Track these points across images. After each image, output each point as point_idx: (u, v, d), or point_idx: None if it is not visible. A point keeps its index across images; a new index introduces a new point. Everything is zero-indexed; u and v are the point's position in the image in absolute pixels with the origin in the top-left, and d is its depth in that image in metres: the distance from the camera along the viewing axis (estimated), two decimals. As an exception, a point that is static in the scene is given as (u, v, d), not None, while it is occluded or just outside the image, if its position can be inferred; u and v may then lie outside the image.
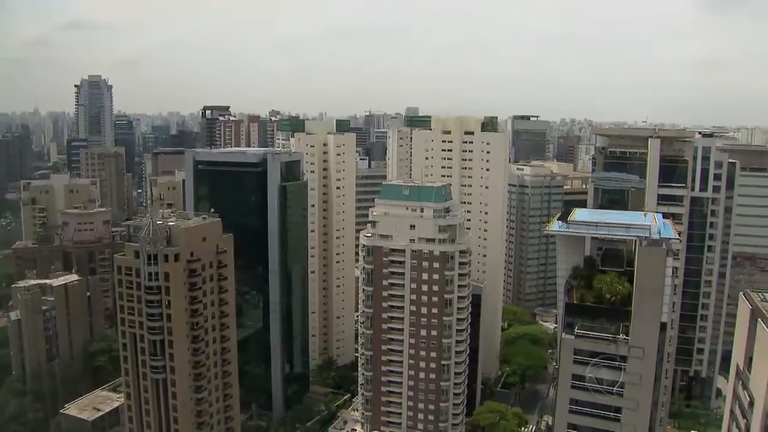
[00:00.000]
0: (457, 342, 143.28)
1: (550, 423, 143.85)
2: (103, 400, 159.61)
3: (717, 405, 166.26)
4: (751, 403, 73.37)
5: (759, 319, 73.56)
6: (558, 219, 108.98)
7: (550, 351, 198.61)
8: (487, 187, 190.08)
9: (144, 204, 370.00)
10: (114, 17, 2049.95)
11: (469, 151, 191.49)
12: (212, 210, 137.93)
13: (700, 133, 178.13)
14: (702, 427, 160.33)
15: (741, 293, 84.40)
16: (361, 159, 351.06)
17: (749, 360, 76.60)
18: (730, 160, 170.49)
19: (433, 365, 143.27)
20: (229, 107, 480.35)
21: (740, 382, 79.69)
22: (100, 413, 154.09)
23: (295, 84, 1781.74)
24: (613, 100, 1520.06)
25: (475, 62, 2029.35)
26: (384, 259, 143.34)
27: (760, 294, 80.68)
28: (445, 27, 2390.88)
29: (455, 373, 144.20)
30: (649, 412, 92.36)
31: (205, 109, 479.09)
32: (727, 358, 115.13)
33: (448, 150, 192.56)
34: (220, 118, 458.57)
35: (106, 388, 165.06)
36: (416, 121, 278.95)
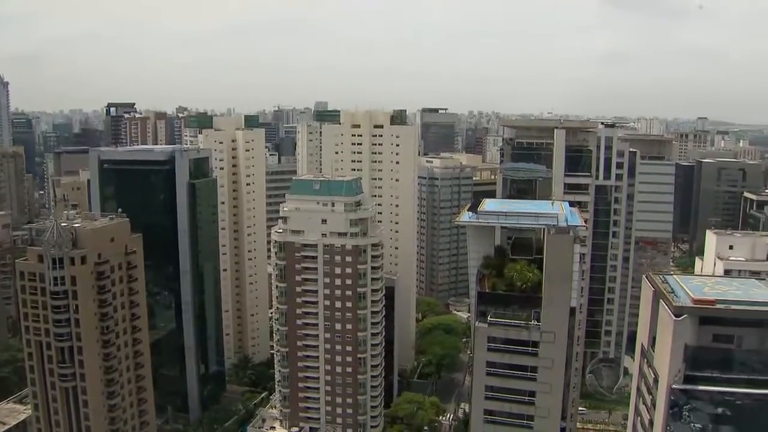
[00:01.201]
0: (373, 335, 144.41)
1: (466, 410, 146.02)
2: (9, 413, 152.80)
3: (625, 383, 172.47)
4: (656, 380, 76.65)
5: (661, 301, 76.90)
6: (468, 210, 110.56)
7: (464, 340, 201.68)
8: (397, 180, 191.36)
9: (47, 206, 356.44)
10: (10, 9, 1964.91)
11: (379, 144, 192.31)
12: (120, 210, 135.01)
13: (602, 123, 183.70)
14: (611, 405, 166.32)
15: (644, 276, 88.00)
16: (270, 155, 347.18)
17: (653, 339, 79.99)
18: (631, 149, 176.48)
19: (349, 359, 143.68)
20: (134, 104, 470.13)
21: (645, 360, 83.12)
22: (6, 427, 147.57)
23: (202, 80, 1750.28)
24: (520, 93, 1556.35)
25: (383, 56, 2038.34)
26: (296, 254, 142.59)
27: (661, 276, 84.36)
28: (353, 21, 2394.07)
29: (372, 366, 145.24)
30: (561, 393, 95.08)
31: (109, 106, 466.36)
32: (633, 338, 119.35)
33: (358, 144, 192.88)
34: (126, 116, 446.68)
35: (12, 400, 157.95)
36: (325, 115, 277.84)
